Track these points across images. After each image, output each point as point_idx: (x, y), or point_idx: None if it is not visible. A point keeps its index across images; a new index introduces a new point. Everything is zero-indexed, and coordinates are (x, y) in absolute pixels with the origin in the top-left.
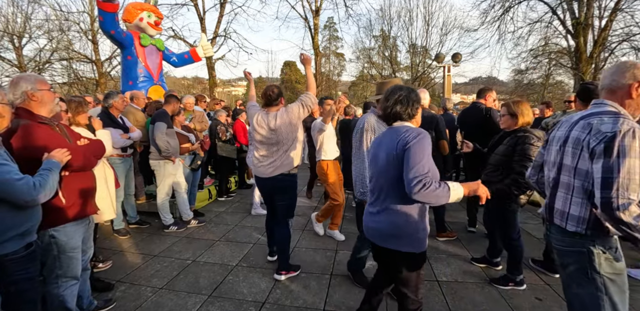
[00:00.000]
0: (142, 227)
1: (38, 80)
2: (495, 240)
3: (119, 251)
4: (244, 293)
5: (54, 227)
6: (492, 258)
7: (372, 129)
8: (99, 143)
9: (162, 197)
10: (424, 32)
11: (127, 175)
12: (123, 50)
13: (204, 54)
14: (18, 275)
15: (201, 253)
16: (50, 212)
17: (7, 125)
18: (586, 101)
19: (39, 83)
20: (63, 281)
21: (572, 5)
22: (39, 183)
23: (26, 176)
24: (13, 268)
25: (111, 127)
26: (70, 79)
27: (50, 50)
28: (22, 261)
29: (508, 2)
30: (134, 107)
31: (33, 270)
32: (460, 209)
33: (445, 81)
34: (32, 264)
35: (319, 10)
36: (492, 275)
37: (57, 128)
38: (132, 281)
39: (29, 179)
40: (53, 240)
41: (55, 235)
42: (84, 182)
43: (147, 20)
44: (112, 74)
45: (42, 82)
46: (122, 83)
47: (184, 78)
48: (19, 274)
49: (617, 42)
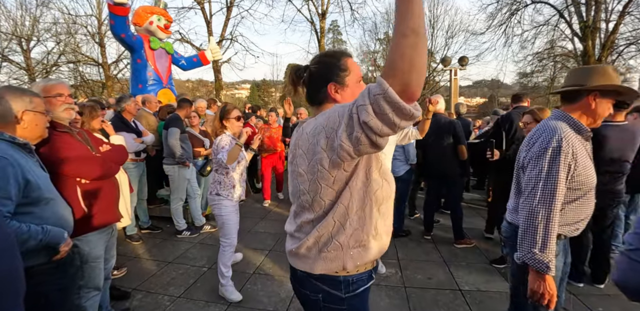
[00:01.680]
0: (154, 232)
1: (45, 87)
2: None
3: (133, 258)
4: (264, 302)
5: (77, 237)
6: None
7: None
8: (121, 149)
9: (176, 202)
10: (429, 35)
11: (140, 180)
12: (133, 54)
13: (212, 57)
14: (49, 286)
15: (216, 260)
16: None
17: (41, 134)
18: (617, 106)
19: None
20: (85, 292)
21: (579, 8)
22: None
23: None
24: (42, 278)
25: (124, 131)
26: (77, 82)
27: (58, 53)
28: (52, 271)
29: (515, 5)
30: (146, 111)
31: (66, 281)
32: (475, 215)
33: (452, 84)
34: (64, 274)
35: (325, 14)
36: None
37: (79, 136)
38: (149, 289)
39: (14, 224)
40: (76, 250)
41: (78, 244)
42: (105, 190)
43: (157, 24)
44: (119, 77)
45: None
46: (131, 86)
47: (188, 81)
48: (50, 285)
49: (625, 45)
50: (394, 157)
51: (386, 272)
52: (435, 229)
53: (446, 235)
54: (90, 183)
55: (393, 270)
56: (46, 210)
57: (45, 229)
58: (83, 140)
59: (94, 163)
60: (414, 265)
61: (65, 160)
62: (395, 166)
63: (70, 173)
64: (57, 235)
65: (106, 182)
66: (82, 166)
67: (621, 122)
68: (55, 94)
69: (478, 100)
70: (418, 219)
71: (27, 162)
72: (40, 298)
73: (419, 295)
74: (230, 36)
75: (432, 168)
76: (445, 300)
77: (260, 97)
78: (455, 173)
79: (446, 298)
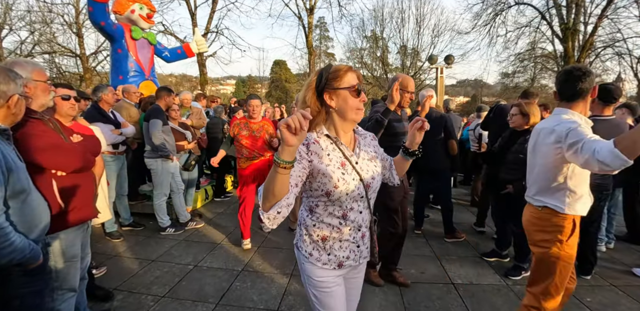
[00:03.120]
0: (136, 229)
1: (35, 69)
2: (505, 233)
3: (113, 256)
4: (254, 300)
5: (52, 234)
6: (502, 251)
7: None
8: (94, 140)
9: (159, 197)
10: (416, 33)
11: (120, 174)
12: (113, 43)
13: (197, 50)
14: (23, 288)
15: (203, 258)
16: None
17: (16, 120)
18: (606, 101)
19: (36, 72)
20: (59, 294)
21: (560, 11)
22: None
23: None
24: (17, 280)
25: (101, 122)
26: (53, 74)
27: (32, 43)
28: (26, 274)
29: (500, 5)
30: (127, 102)
31: (38, 283)
32: (463, 210)
33: (437, 82)
34: (37, 277)
35: (313, 9)
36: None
37: (51, 124)
38: (131, 289)
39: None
40: (49, 249)
41: (51, 242)
42: (83, 183)
43: (138, 13)
44: (98, 69)
45: (40, 72)
46: (111, 77)
47: (172, 75)
48: (25, 287)
49: (602, 47)
50: None
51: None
52: (425, 224)
53: (436, 230)
54: (67, 176)
55: None
56: (25, 205)
57: (32, 245)
58: (55, 128)
59: (72, 153)
60: (406, 260)
61: (42, 149)
62: None
63: (47, 164)
64: (36, 254)
65: (83, 174)
66: (60, 156)
67: (609, 116)
68: (47, 80)
69: (461, 99)
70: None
71: (6, 149)
72: (14, 301)
73: (413, 290)
74: (215, 29)
75: (423, 163)
76: (438, 294)
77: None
78: (446, 168)
79: (439, 292)
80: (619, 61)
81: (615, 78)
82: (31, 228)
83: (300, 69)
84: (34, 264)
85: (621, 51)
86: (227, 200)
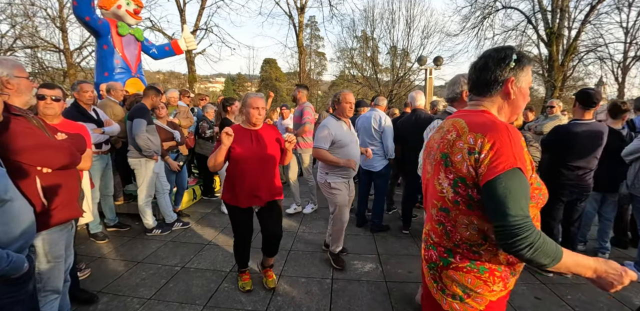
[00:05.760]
0: (121, 230)
1: (16, 65)
2: None
3: (98, 258)
4: (242, 301)
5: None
6: None
7: None
8: (79, 137)
9: (143, 198)
10: (406, 34)
11: (105, 174)
12: (98, 39)
13: (186, 47)
14: (6, 298)
15: (190, 259)
16: None
17: None
18: (586, 105)
19: (17, 69)
20: (42, 296)
21: (546, 15)
22: None
23: None
24: None
25: (80, 120)
26: (35, 69)
27: (13, 37)
28: (10, 282)
29: (487, 9)
30: (111, 100)
31: (23, 292)
32: None
33: (427, 84)
34: (22, 285)
35: (304, 8)
36: None
37: (35, 121)
38: (116, 291)
39: None
40: (32, 249)
41: (34, 243)
42: (67, 181)
43: (125, 8)
44: (83, 65)
45: (21, 68)
46: (96, 74)
47: (159, 73)
48: (7, 297)
49: (585, 51)
50: (373, 152)
51: (367, 268)
52: (413, 224)
53: None
54: (51, 174)
55: (373, 265)
56: (4, 214)
57: (11, 257)
58: (39, 126)
59: (59, 149)
60: (394, 260)
61: (27, 146)
62: (374, 161)
63: (33, 161)
64: (18, 263)
65: (68, 172)
66: (46, 152)
67: (589, 120)
68: (28, 76)
69: None
70: (396, 214)
71: None
72: None
73: (400, 289)
74: (205, 26)
75: (411, 163)
76: None
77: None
78: None
79: None
80: (600, 65)
81: (597, 81)
82: (11, 238)
83: (290, 68)
84: (17, 274)
85: (603, 56)
86: (215, 199)
